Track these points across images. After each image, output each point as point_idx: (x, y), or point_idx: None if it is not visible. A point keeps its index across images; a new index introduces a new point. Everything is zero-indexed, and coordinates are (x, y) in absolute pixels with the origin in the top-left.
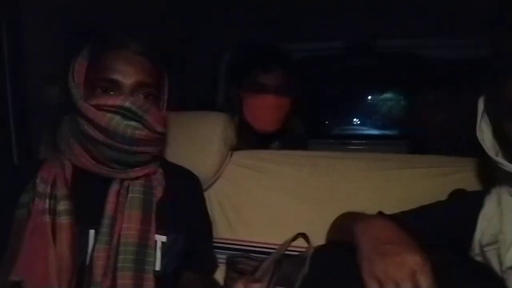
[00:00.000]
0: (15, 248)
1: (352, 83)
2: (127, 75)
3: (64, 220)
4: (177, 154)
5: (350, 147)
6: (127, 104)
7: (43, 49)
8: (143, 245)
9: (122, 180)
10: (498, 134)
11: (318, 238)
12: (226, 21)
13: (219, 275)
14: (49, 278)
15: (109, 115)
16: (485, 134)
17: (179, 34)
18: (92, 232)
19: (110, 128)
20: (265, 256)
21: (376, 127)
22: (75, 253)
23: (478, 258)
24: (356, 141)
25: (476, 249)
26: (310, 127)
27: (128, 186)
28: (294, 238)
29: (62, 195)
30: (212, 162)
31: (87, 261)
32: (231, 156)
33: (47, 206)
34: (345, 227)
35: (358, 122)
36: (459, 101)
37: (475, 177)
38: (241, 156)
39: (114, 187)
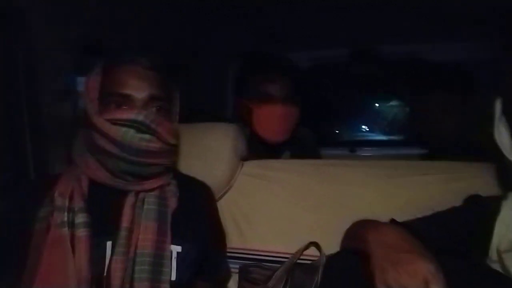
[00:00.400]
0: (35, 261)
1: (358, 90)
2: (139, 89)
3: (82, 233)
4: (188, 166)
5: (360, 154)
6: (140, 118)
7: (54, 66)
8: (159, 256)
9: (137, 192)
10: None
11: (330, 246)
12: (232, 32)
13: (232, 285)
14: None
15: (123, 129)
16: (503, 136)
17: (187, 47)
18: (109, 243)
19: (125, 142)
20: (277, 265)
21: (385, 132)
22: (93, 264)
23: (495, 265)
24: (366, 148)
25: (493, 255)
26: (319, 136)
27: (144, 198)
28: (307, 247)
29: (79, 208)
30: (223, 173)
31: (105, 273)
32: (242, 166)
33: (65, 219)
34: (358, 235)
35: (367, 129)
36: (465, 104)
37: (486, 183)
38: (252, 166)
39: (130, 199)
